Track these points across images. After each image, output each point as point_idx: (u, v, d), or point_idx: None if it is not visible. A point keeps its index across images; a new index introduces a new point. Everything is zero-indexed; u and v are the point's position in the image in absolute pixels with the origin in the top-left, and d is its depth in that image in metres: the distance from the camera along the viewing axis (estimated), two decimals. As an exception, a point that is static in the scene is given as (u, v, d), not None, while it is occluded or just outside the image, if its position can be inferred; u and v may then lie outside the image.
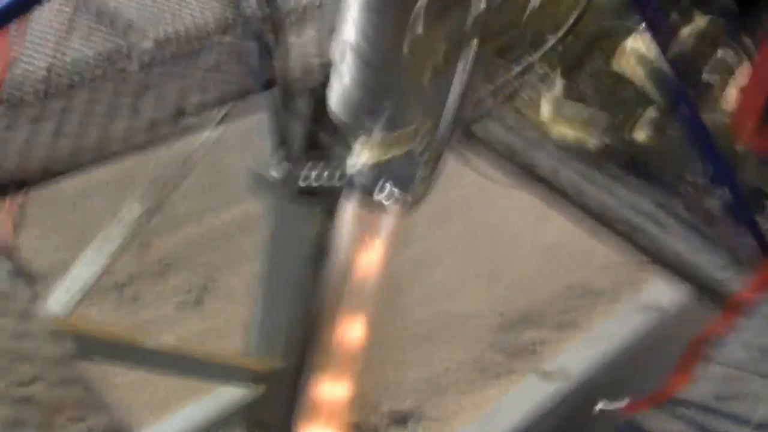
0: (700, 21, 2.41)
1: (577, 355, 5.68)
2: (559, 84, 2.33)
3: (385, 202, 1.45)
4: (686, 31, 2.34)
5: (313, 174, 1.59)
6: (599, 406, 1.52)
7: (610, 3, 2.57)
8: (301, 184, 1.61)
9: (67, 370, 1.52)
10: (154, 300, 6.06)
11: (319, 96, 2.13)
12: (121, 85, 2.11)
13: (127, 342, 3.28)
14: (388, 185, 1.47)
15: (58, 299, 2.87)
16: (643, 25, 2.30)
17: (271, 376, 3.81)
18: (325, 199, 2.91)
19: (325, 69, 2.31)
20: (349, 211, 2.27)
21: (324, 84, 1.55)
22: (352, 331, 2.65)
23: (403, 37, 1.21)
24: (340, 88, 1.40)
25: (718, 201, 2.12)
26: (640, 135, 2.30)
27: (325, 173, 1.58)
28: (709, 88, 2.14)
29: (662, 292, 5.92)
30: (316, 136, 1.63)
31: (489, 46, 1.28)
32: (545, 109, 2.34)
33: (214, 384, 4.11)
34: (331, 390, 2.97)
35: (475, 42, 1.07)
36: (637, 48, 2.35)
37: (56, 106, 2.01)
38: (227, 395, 3.96)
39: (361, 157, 1.46)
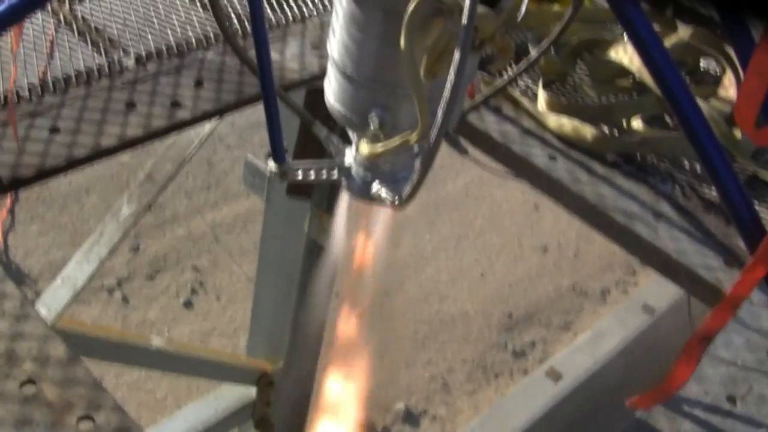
0: (683, 32, 2.42)
1: (578, 354, 5.72)
2: (541, 97, 2.33)
3: (380, 198, 1.44)
4: (669, 43, 2.34)
5: (310, 168, 1.58)
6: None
7: (593, 15, 2.57)
8: (298, 178, 1.59)
9: (69, 369, 1.50)
10: (144, 301, 6.04)
11: (315, 90, 2.12)
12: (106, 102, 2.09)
13: (127, 341, 3.26)
14: (382, 180, 1.46)
15: (51, 300, 2.85)
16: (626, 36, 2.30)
17: (272, 375, 3.79)
18: (321, 195, 2.91)
19: (322, 63, 2.31)
20: (344, 206, 2.26)
21: (320, 77, 1.53)
22: (351, 327, 2.64)
23: (389, 48, 1.20)
24: (336, 83, 1.39)
25: (714, 192, 2.12)
26: (638, 124, 2.30)
27: (322, 168, 1.57)
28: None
29: (660, 291, 5.96)
30: (312, 130, 1.62)
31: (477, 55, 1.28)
32: (542, 99, 2.33)
33: (215, 383, 4.11)
34: (335, 388, 2.96)
35: (462, 51, 1.06)
36: (620, 59, 2.36)
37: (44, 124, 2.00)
38: (227, 395, 3.94)
39: (357, 152, 1.46)
